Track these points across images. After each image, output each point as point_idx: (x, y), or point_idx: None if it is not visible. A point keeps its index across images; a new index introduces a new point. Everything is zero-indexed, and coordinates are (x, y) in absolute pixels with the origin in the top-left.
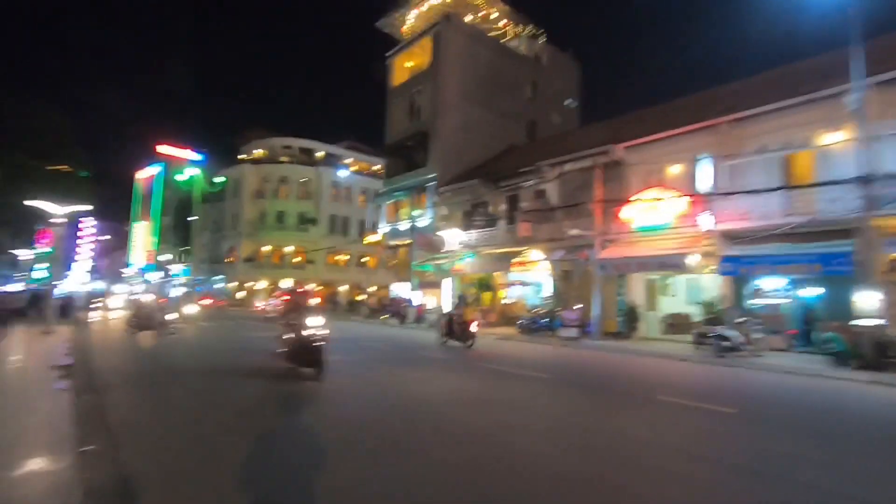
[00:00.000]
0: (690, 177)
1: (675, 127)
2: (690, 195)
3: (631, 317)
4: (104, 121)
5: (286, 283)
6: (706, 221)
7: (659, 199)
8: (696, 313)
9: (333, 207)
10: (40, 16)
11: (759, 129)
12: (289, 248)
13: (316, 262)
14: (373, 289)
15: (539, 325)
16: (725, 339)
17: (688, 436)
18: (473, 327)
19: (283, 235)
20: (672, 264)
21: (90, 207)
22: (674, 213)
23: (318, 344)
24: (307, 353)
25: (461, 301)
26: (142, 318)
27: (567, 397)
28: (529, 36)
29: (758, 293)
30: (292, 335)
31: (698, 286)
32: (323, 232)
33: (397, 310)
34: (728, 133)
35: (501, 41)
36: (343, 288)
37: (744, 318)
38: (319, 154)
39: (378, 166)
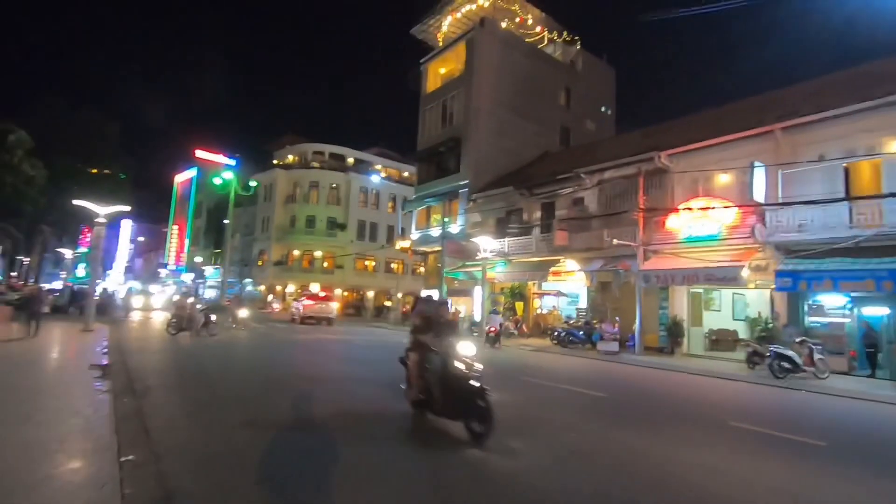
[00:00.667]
0: (740, 186)
1: (724, 133)
2: (741, 205)
3: (674, 331)
4: (145, 127)
5: (315, 286)
6: (761, 233)
7: (708, 209)
8: (741, 330)
9: (362, 213)
10: (87, 26)
11: (818, 136)
12: (318, 253)
13: (344, 268)
14: (399, 295)
15: (576, 337)
16: (785, 359)
17: (791, 477)
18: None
19: (312, 240)
20: (724, 277)
21: (129, 208)
22: (724, 223)
23: (477, 385)
24: (463, 400)
25: (494, 311)
26: (182, 319)
27: (631, 420)
28: (564, 42)
29: (815, 310)
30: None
31: (743, 301)
32: (351, 237)
33: None
34: (783, 140)
35: (536, 47)
36: (370, 293)
37: (801, 338)
38: (350, 160)
39: (407, 173)
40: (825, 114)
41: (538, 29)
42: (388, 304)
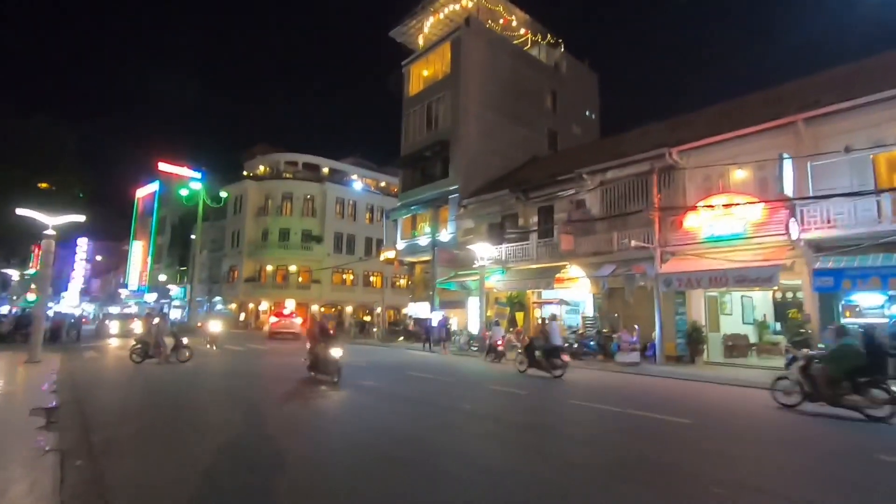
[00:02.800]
0: (759, 182)
1: (739, 127)
2: (770, 200)
3: (694, 338)
4: (103, 137)
5: (290, 303)
6: (794, 229)
7: (732, 205)
8: (751, 334)
9: (339, 225)
10: (40, 28)
11: (843, 127)
12: (293, 268)
13: (322, 282)
14: (378, 310)
15: (588, 348)
16: None
17: None
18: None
19: (286, 254)
20: (758, 278)
21: (83, 218)
22: (749, 220)
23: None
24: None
25: (496, 322)
26: (147, 345)
27: (788, 463)
28: (548, 44)
29: (851, 311)
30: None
31: (751, 304)
32: (328, 250)
33: (425, 332)
34: (805, 132)
35: (522, 49)
36: (349, 308)
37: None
38: (325, 170)
39: (384, 182)
40: (852, 102)
41: (522, 31)
42: (366, 318)
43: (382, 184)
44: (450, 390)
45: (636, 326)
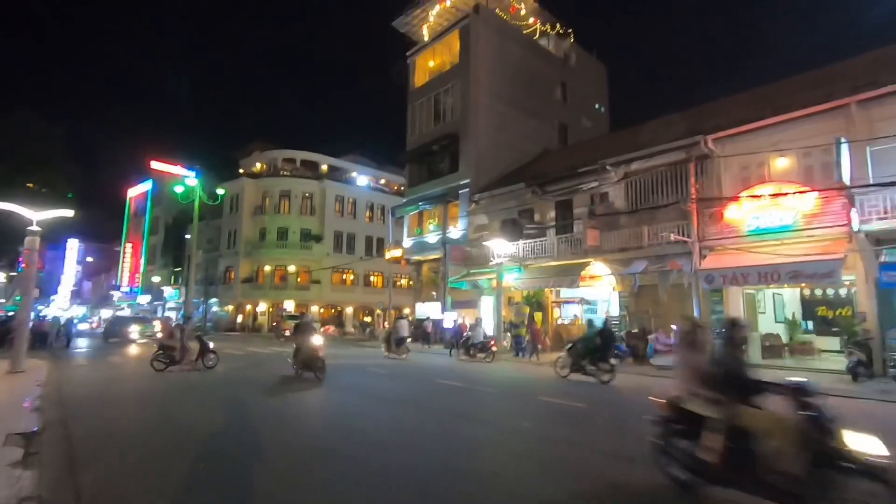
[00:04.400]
0: (804, 170)
1: (783, 112)
2: (824, 189)
3: None
4: (94, 135)
5: (289, 304)
6: (856, 220)
7: (781, 195)
8: (782, 333)
9: (338, 223)
10: (28, 21)
11: None
12: (291, 268)
13: (321, 283)
14: (379, 311)
15: (620, 350)
16: None
17: None
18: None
19: (284, 253)
20: (815, 274)
21: (70, 213)
22: (801, 211)
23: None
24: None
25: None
26: (174, 350)
27: None
28: (557, 35)
29: None
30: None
31: (782, 301)
32: (328, 250)
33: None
34: (858, 115)
35: (531, 38)
36: (349, 309)
37: None
38: (323, 167)
39: (384, 180)
40: None
41: (531, 20)
42: (367, 319)
43: (382, 181)
44: (496, 404)
45: (674, 327)
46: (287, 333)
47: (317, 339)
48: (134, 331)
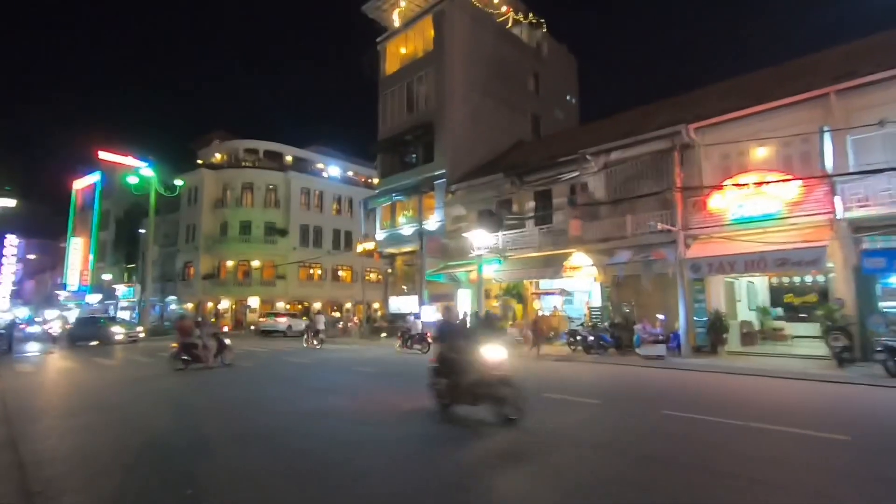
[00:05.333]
0: (783, 159)
1: (763, 101)
2: (808, 177)
3: (717, 327)
4: (35, 124)
5: (253, 300)
6: (839, 207)
7: (764, 183)
8: (754, 320)
9: (304, 216)
10: None
11: (878, 99)
12: (255, 263)
13: (287, 278)
14: (348, 305)
15: (605, 341)
16: None
17: None
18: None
19: (248, 248)
20: (801, 261)
21: (13, 203)
22: (785, 199)
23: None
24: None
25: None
26: (197, 348)
27: None
28: (530, 24)
29: (889, 294)
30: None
31: (754, 289)
32: (294, 244)
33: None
34: (837, 105)
35: (505, 27)
36: (317, 305)
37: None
38: (288, 158)
39: (351, 172)
40: (893, 72)
41: (504, 9)
42: (335, 314)
43: (350, 173)
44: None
45: (660, 317)
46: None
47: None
48: (119, 332)
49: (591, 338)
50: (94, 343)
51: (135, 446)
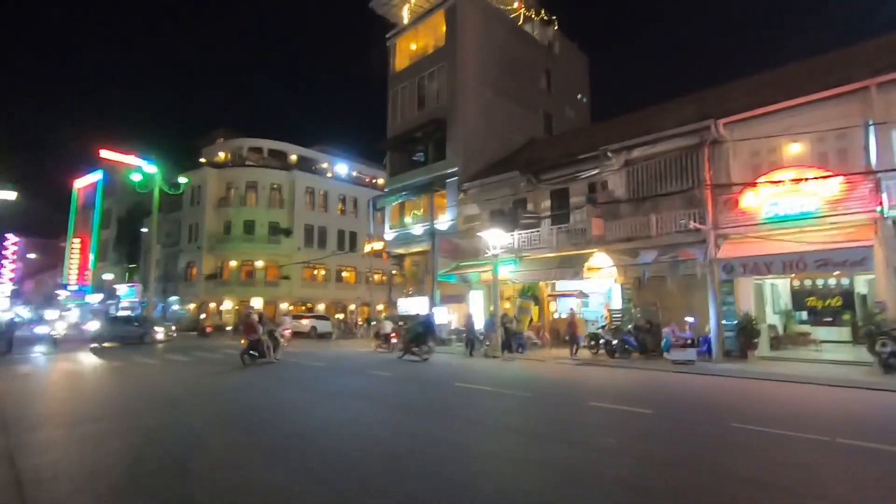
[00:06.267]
0: (817, 156)
1: (795, 96)
2: (851, 174)
3: (748, 331)
4: (38, 122)
5: (257, 301)
6: (887, 206)
7: (804, 180)
8: (778, 324)
9: (309, 217)
10: None
11: None
12: (259, 263)
13: (291, 278)
14: (352, 307)
15: (630, 344)
16: None
17: None
18: None
19: (251, 248)
20: (846, 262)
21: (13, 196)
22: (823, 197)
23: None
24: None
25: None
26: (262, 344)
27: None
28: (542, 21)
29: None
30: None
31: (776, 291)
32: (298, 244)
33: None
34: (878, 98)
35: (517, 23)
36: (321, 306)
37: None
38: (293, 157)
39: (356, 172)
40: None
41: (516, 4)
42: (339, 316)
43: (355, 173)
44: (550, 412)
45: (690, 320)
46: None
47: None
48: (160, 331)
49: (615, 341)
50: (108, 344)
51: (158, 457)
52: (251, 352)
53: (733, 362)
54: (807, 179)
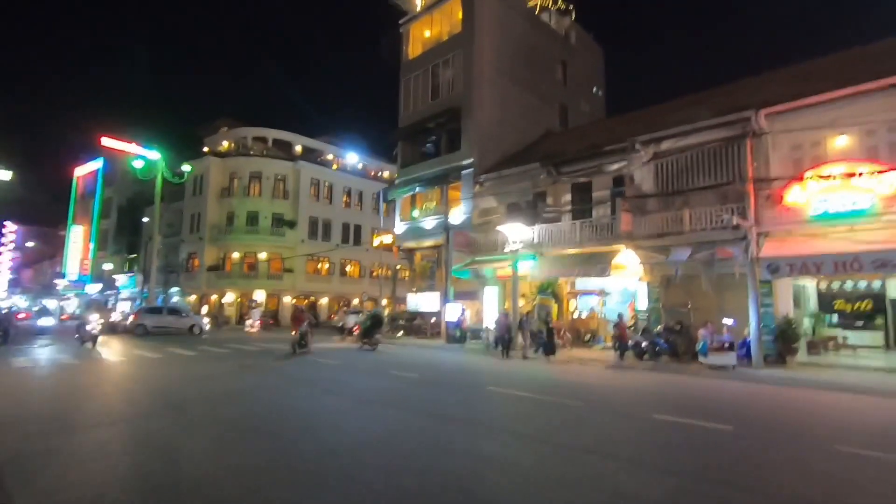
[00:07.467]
0: (866, 150)
1: (845, 86)
2: None
3: (786, 336)
4: (38, 108)
5: (259, 294)
6: None
7: (854, 175)
8: (808, 327)
9: (314, 208)
10: None
11: None
12: (262, 255)
13: (294, 271)
14: (356, 301)
15: (661, 346)
16: None
17: None
18: None
19: (255, 239)
20: None
21: (8, 175)
22: (878, 194)
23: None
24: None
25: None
26: (307, 335)
27: None
28: (558, 11)
29: None
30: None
31: (805, 293)
32: (302, 236)
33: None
34: None
35: (533, 12)
36: (324, 300)
37: None
38: (298, 148)
39: (361, 165)
40: None
41: None
42: (344, 309)
43: (361, 165)
44: (615, 427)
45: (729, 321)
46: None
47: None
48: (206, 323)
49: (645, 343)
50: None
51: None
52: (301, 342)
53: (773, 368)
54: (861, 174)
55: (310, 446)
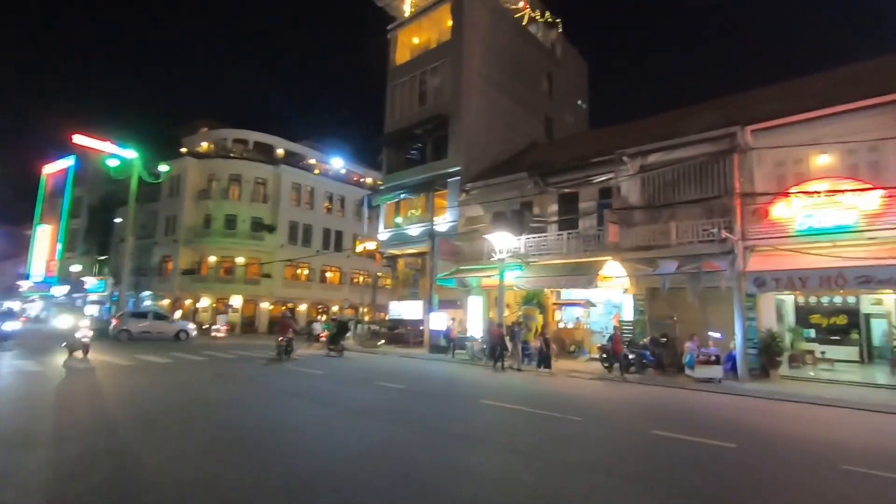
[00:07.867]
0: (848, 168)
1: (831, 104)
2: (889, 188)
3: (772, 349)
4: (4, 100)
5: (236, 299)
6: None
7: (837, 192)
8: (787, 341)
9: (294, 213)
10: None
11: None
12: (240, 259)
13: (273, 277)
14: (335, 308)
15: (647, 359)
16: None
17: None
18: None
19: (232, 243)
20: (890, 279)
21: None
22: (862, 211)
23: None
24: None
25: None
26: (291, 342)
27: None
28: (545, 23)
29: None
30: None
31: (785, 308)
32: (282, 241)
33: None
34: None
35: (521, 23)
36: (303, 307)
37: None
38: (279, 151)
39: (344, 170)
40: None
41: (521, 4)
42: (322, 317)
43: (343, 170)
44: (616, 442)
45: (715, 335)
46: None
47: None
48: (193, 328)
49: (632, 355)
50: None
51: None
52: (287, 349)
53: (758, 381)
54: (845, 191)
55: (303, 462)
